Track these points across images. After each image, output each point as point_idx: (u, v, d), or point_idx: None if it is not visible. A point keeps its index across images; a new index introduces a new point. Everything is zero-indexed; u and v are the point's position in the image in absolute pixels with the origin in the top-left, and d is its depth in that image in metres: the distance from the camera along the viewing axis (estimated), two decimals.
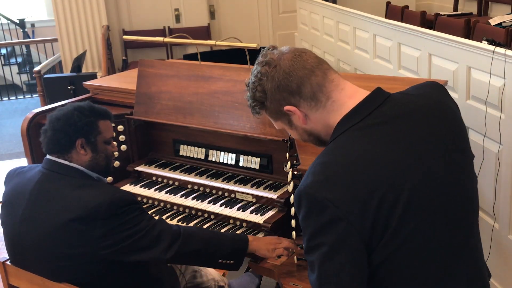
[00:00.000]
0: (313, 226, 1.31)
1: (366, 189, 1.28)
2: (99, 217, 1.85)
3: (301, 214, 1.33)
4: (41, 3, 9.57)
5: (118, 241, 1.87)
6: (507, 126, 2.81)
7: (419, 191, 1.31)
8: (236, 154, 2.63)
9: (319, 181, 1.30)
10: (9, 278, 2.08)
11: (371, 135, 1.34)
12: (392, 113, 1.37)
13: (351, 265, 1.29)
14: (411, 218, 1.30)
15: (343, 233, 1.27)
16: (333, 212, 1.27)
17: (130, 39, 3.06)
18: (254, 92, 1.47)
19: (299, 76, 1.40)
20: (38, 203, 1.95)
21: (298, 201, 1.34)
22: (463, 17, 6.01)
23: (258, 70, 1.46)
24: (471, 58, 3.10)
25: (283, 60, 1.42)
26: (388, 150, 1.32)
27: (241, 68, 2.54)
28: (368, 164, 1.30)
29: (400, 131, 1.35)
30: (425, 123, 1.39)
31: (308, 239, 1.33)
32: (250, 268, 2.32)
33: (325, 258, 1.30)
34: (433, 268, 1.35)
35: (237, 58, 2.93)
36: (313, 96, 1.40)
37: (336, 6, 5.73)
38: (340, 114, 1.40)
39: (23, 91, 8.62)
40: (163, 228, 1.96)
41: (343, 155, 1.33)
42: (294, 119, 1.47)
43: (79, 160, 2.02)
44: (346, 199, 1.27)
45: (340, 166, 1.31)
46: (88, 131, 2.03)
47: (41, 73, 5.69)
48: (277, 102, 1.44)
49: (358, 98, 1.40)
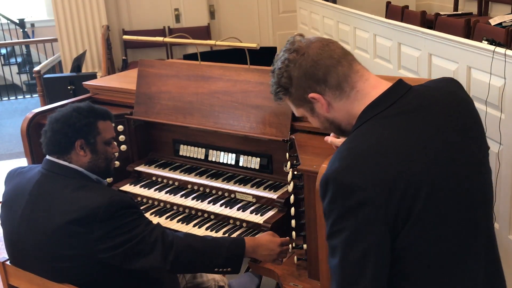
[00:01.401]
0: (339, 210, 1.32)
1: (392, 175, 1.30)
2: (97, 220, 1.84)
3: (327, 199, 1.34)
4: (41, 3, 9.57)
5: (114, 245, 1.86)
6: (507, 126, 2.81)
7: (442, 180, 1.34)
8: (236, 154, 2.62)
9: (346, 165, 1.32)
10: (9, 278, 2.08)
11: (395, 123, 1.37)
12: (414, 104, 1.40)
13: (376, 250, 1.31)
14: (433, 205, 1.33)
15: (369, 217, 1.29)
16: (360, 196, 1.28)
17: (130, 39, 3.06)
18: (279, 78, 1.48)
19: (326, 65, 1.42)
20: (37, 203, 1.94)
21: (325, 185, 1.34)
22: (463, 17, 6.01)
23: (285, 57, 1.47)
24: (471, 58, 3.10)
25: (311, 48, 1.44)
26: (412, 138, 1.35)
27: (241, 68, 2.54)
28: (394, 151, 1.33)
29: (422, 121, 1.38)
30: (445, 115, 1.42)
31: (332, 223, 1.34)
32: (250, 268, 2.32)
33: (349, 243, 1.32)
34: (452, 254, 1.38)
35: (237, 58, 2.93)
36: (338, 85, 1.43)
37: (336, 6, 5.73)
38: (363, 104, 1.42)
39: (23, 91, 8.61)
40: (159, 235, 1.92)
41: (369, 141, 1.35)
42: (317, 107, 1.49)
43: (79, 161, 2.02)
44: (373, 184, 1.29)
45: (367, 152, 1.33)
46: (87, 132, 2.02)
47: (41, 73, 5.69)
48: (302, 89, 1.46)
49: (381, 89, 1.43)
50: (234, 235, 2.32)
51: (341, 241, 1.33)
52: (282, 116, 2.36)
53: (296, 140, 2.23)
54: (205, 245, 2.00)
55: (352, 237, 1.31)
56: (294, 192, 2.17)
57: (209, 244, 2.01)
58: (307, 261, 2.09)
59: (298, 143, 2.20)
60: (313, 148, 2.14)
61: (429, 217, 1.33)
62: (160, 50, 7.32)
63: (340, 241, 1.33)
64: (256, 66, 2.56)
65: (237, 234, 2.34)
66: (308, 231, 2.04)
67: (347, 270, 1.33)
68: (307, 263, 2.09)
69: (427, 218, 1.32)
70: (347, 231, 1.31)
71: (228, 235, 2.33)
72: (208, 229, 2.41)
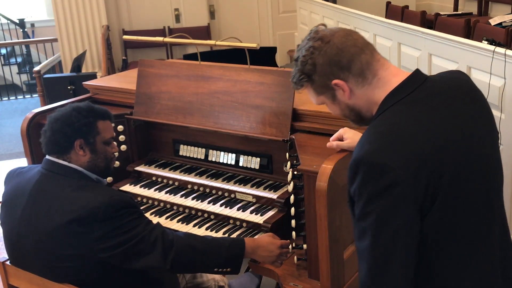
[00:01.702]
0: (371, 191, 1.35)
1: (420, 156, 1.35)
2: (97, 220, 1.84)
3: (358, 181, 1.37)
4: (41, 3, 9.57)
5: (115, 245, 1.86)
6: (507, 126, 2.81)
7: (464, 160, 1.40)
8: (236, 154, 2.62)
9: (377, 148, 1.36)
10: (9, 278, 2.08)
11: (419, 107, 1.42)
12: (433, 90, 1.46)
13: (406, 230, 1.35)
14: (458, 185, 1.38)
15: (400, 197, 1.33)
16: (391, 177, 1.32)
17: (130, 39, 3.06)
18: (304, 65, 1.51)
19: (350, 53, 1.47)
20: (37, 203, 1.94)
21: (356, 168, 1.37)
22: (463, 17, 6.01)
23: (310, 45, 1.50)
24: (471, 58, 3.10)
25: (335, 37, 1.49)
26: (436, 121, 1.41)
27: (241, 68, 2.54)
28: (420, 133, 1.38)
29: (443, 106, 1.44)
30: (462, 101, 1.48)
31: (364, 205, 1.37)
32: (250, 268, 2.32)
33: (381, 223, 1.35)
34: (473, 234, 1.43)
35: (237, 58, 2.93)
36: (361, 72, 1.48)
37: (336, 6, 5.73)
38: (385, 91, 1.47)
39: (23, 91, 8.61)
40: (159, 235, 1.92)
41: (396, 124, 1.40)
42: (338, 94, 1.52)
43: (78, 161, 2.02)
44: (402, 165, 1.33)
45: (395, 134, 1.38)
46: (86, 132, 2.02)
47: (41, 73, 5.69)
48: (326, 76, 1.49)
49: (401, 77, 1.48)
50: (234, 235, 2.32)
51: (372, 222, 1.36)
52: (282, 116, 2.36)
53: (296, 140, 2.23)
54: (205, 245, 2.00)
55: (384, 218, 1.35)
56: (294, 192, 2.17)
57: (209, 244, 2.01)
58: (307, 261, 2.09)
59: (298, 143, 2.20)
60: (313, 148, 2.14)
61: (454, 197, 1.38)
62: (160, 50, 7.32)
63: (371, 223, 1.36)
64: (256, 66, 2.56)
65: (237, 234, 2.34)
66: (308, 231, 2.04)
67: (379, 251, 1.36)
68: (307, 263, 2.09)
69: (452, 198, 1.37)
70: (378, 212, 1.35)
71: (228, 235, 2.33)
72: (208, 229, 2.41)
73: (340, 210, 1.92)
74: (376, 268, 1.37)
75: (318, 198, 1.86)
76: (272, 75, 2.43)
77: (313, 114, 2.31)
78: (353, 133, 1.93)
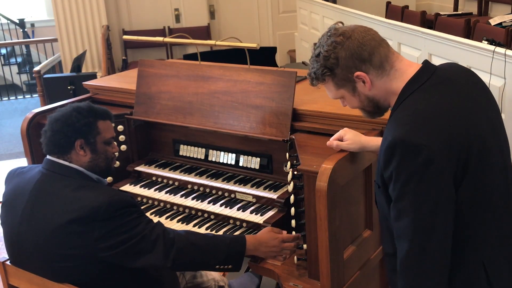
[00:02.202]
0: (409, 170, 1.45)
1: (450, 133, 1.46)
2: (98, 219, 1.84)
3: (395, 162, 1.47)
4: (41, 3, 9.57)
5: (115, 244, 1.87)
6: (507, 126, 2.81)
7: (486, 138, 1.53)
8: (236, 154, 2.62)
9: (410, 129, 1.46)
10: (9, 278, 2.08)
11: (439, 91, 1.54)
12: (446, 76, 1.59)
13: (445, 202, 1.46)
14: (484, 157, 1.51)
15: (437, 172, 1.44)
16: (427, 154, 1.42)
17: (130, 39, 3.06)
18: (326, 60, 1.60)
19: (371, 46, 1.58)
20: (37, 203, 1.94)
21: (392, 149, 1.47)
22: (463, 17, 6.01)
23: (332, 40, 1.59)
24: (471, 58, 3.10)
25: (355, 32, 1.59)
26: (456, 102, 1.53)
27: (241, 68, 2.54)
28: (446, 112, 1.49)
29: (458, 89, 1.57)
30: (473, 86, 1.62)
31: (403, 184, 1.46)
32: (250, 268, 2.32)
33: (420, 200, 1.45)
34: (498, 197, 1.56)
35: (237, 58, 2.93)
36: (380, 64, 1.59)
37: (336, 6, 5.73)
38: (402, 81, 1.58)
39: (23, 91, 8.61)
40: (160, 233, 1.93)
41: (422, 107, 1.51)
42: (359, 86, 1.62)
43: (79, 161, 2.02)
44: (436, 143, 1.44)
45: (424, 116, 1.49)
46: (87, 132, 2.02)
47: (41, 73, 5.69)
48: (348, 69, 1.59)
49: (415, 68, 1.60)
50: None
51: (412, 199, 1.46)
52: (282, 116, 2.36)
53: (296, 140, 2.23)
54: (206, 242, 2.01)
55: (424, 193, 1.44)
56: (294, 192, 2.17)
57: (210, 241, 2.02)
58: (307, 261, 2.09)
59: (298, 143, 2.20)
60: (313, 148, 2.14)
61: (481, 168, 1.50)
62: (160, 50, 7.32)
63: (411, 200, 1.46)
64: (256, 66, 2.56)
65: (237, 234, 2.34)
66: (308, 231, 2.04)
67: (422, 224, 1.46)
68: (307, 263, 2.09)
69: (480, 169, 1.50)
70: (418, 189, 1.44)
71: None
72: (208, 229, 2.41)
73: (340, 210, 1.92)
74: (420, 243, 1.46)
75: (318, 198, 1.86)
76: (272, 75, 2.43)
77: (313, 114, 2.31)
78: (353, 134, 1.94)
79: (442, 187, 1.45)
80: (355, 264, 2.09)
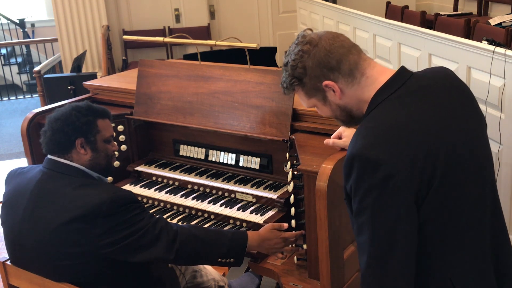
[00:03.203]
0: (366, 185, 1.38)
1: (412, 147, 1.38)
2: (100, 216, 1.85)
3: (353, 177, 1.41)
4: (41, 3, 9.57)
5: (118, 239, 1.88)
6: (507, 126, 2.81)
7: (455, 150, 1.44)
8: (236, 154, 2.63)
9: (369, 142, 1.40)
10: (9, 278, 2.08)
11: (407, 102, 1.46)
12: (419, 85, 1.50)
13: (404, 219, 1.38)
14: (450, 173, 1.42)
15: (396, 189, 1.36)
16: (385, 170, 1.36)
17: (130, 39, 3.06)
18: (294, 69, 1.55)
19: (339, 54, 1.51)
20: (39, 202, 1.95)
21: (350, 163, 1.41)
22: (463, 17, 6.01)
23: (299, 49, 1.54)
24: (471, 58, 3.10)
25: (323, 39, 1.53)
26: (425, 114, 1.45)
27: (241, 68, 2.54)
28: (411, 126, 1.41)
29: (431, 98, 1.48)
30: (448, 93, 1.53)
31: (361, 199, 1.40)
32: (250, 268, 2.32)
33: (379, 216, 1.38)
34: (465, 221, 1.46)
35: (237, 58, 2.93)
36: (350, 72, 1.51)
37: (336, 6, 5.73)
38: (373, 89, 1.51)
39: (23, 91, 8.61)
40: (163, 227, 1.96)
41: (387, 119, 1.44)
42: (329, 95, 1.56)
43: (80, 160, 2.02)
44: (396, 158, 1.37)
45: (386, 129, 1.42)
46: (87, 131, 2.03)
47: (41, 73, 5.69)
48: (316, 78, 1.53)
49: (387, 75, 1.52)
50: None
51: (369, 215, 1.38)
52: (282, 116, 2.36)
53: (296, 140, 2.23)
54: (208, 234, 2.05)
55: (382, 210, 1.37)
56: (294, 192, 2.17)
57: (212, 233, 2.06)
58: (307, 261, 2.09)
59: (298, 143, 2.21)
60: (313, 148, 2.14)
61: (447, 185, 1.41)
62: (160, 50, 7.32)
63: (369, 215, 1.39)
64: (256, 66, 2.56)
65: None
66: (308, 231, 2.04)
67: (379, 242, 1.39)
68: (307, 263, 2.09)
69: (445, 186, 1.40)
70: (376, 205, 1.38)
71: None
72: None
73: (340, 210, 1.92)
74: (378, 259, 1.39)
75: (318, 198, 1.86)
76: (272, 75, 2.43)
77: (313, 114, 2.31)
78: (350, 131, 1.94)
79: (401, 203, 1.37)
80: (355, 264, 2.09)
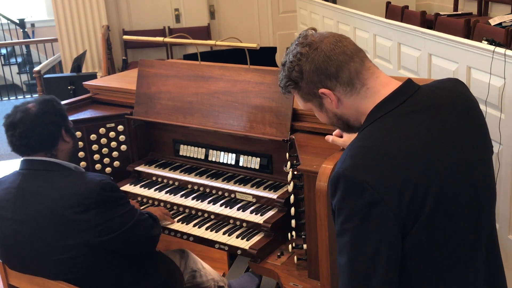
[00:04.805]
0: (350, 208, 1.31)
1: (402, 175, 1.30)
2: (92, 204, 1.88)
3: (337, 196, 1.33)
4: (41, 3, 9.57)
5: (112, 226, 1.92)
6: (507, 126, 2.81)
7: (450, 179, 1.34)
8: (236, 154, 2.62)
9: (358, 164, 1.31)
10: (9, 278, 2.08)
11: (405, 122, 1.37)
12: (423, 104, 1.40)
13: (387, 249, 1.30)
14: (442, 204, 1.33)
15: (380, 216, 1.28)
16: (371, 195, 1.28)
17: (130, 39, 3.06)
18: (290, 72, 1.47)
19: (339, 61, 1.41)
20: (25, 203, 1.94)
21: (336, 183, 1.33)
22: (463, 17, 6.01)
23: (298, 50, 1.45)
24: (471, 58, 3.10)
25: (324, 43, 1.43)
26: (421, 138, 1.35)
27: (241, 68, 2.54)
28: (403, 151, 1.32)
29: (431, 121, 1.38)
30: (452, 115, 1.42)
31: (343, 221, 1.33)
32: (250, 268, 2.32)
33: (359, 241, 1.31)
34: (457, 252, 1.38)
35: (237, 58, 2.93)
36: (349, 81, 1.42)
37: (336, 6, 5.73)
38: (373, 102, 1.42)
39: (23, 91, 8.61)
40: (143, 212, 2.15)
41: (379, 140, 1.35)
42: (326, 103, 1.48)
43: (63, 150, 2.06)
44: (384, 183, 1.28)
45: (378, 151, 1.33)
46: (65, 117, 2.09)
47: (41, 73, 5.69)
48: (313, 84, 1.44)
49: (391, 87, 1.43)
50: (234, 235, 2.33)
51: (351, 239, 1.32)
52: (282, 116, 2.36)
53: (296, 140, 2.23)
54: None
55: (363, 236, 1.30)
56: (294, 192, 2.17)
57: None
58: (307, 261, 2.09)
59: (298, 143, 2.21)
60: (313, 148, 2.14)
61: (437, 216, 1.32)
62: (160, 50, 7.32)
63: (349, 239, 1.32)
64: (256, 66, 2.56)
65: (237, 234, 2.34)
66: (308, 231, 2.04)
67: (358, 269, 1.32)
68: (307, 263, 2.09)
69: (435, 217, 1.32)
70: (357, 230, 1.30)
71: (228, 235, 2.34)
72: (208, 229, 2.41)
73: None
74: (357, 283, 1.32)
75: (318, 198, 1.86)
76: (272, 75, 2.43)
77: (313, 114, 2.29)
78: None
79: (383, 233, 1.29)
80: None
